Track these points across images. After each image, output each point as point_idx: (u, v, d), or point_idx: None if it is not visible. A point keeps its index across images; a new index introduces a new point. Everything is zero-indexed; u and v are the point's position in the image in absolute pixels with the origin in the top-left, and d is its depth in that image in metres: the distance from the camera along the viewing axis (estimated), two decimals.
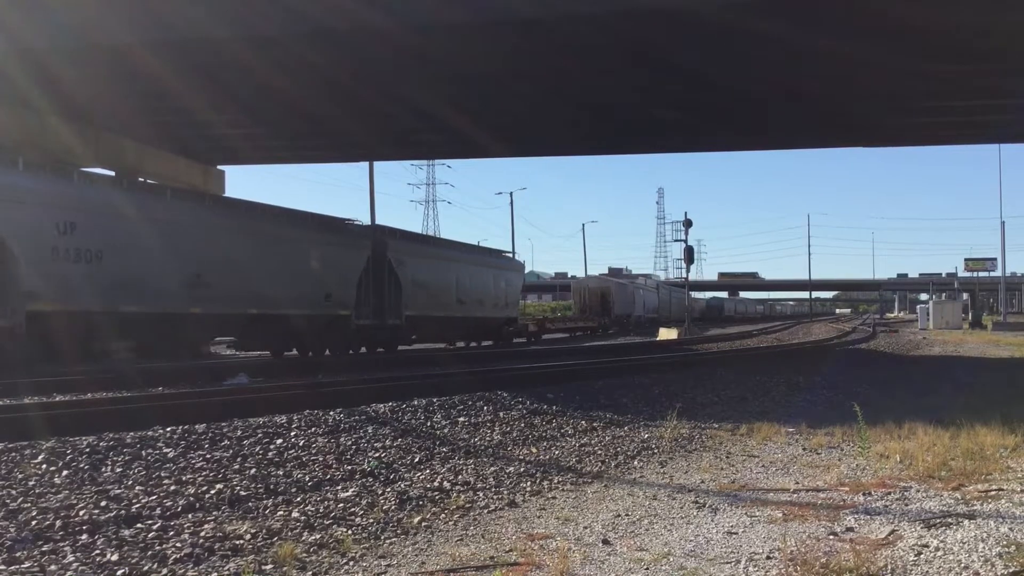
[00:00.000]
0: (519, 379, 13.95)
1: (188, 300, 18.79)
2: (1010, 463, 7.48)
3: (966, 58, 17.38)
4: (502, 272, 34.66)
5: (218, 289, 19.33)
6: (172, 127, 23.61)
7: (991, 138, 30.07)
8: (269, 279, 20.69)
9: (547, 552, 5.03)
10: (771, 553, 4.89)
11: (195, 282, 18.87)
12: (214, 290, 19.24)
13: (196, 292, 18.88)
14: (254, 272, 20.29)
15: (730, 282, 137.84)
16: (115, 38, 16.07)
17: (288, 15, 15.34)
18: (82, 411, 9.27)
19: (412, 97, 19.90)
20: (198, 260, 18.99)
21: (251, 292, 20.34)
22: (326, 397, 10.65)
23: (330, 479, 7.03)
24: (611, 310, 52.75)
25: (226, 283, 19.57)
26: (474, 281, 31.21)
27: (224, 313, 19.79)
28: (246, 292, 20.19)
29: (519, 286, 38.13)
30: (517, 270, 38.48)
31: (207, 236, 19.47)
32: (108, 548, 5.02)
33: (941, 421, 9.61)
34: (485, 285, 32.25)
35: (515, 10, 14.96)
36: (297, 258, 22.06)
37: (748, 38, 15.69)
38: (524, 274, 41.71)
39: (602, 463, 8.19)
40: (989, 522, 5.36)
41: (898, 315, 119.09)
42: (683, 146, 34.18)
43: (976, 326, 54.60)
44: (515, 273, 37.61)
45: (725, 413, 11.85)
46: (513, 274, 36.84)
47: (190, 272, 18.78)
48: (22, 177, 16.18)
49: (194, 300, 18.91)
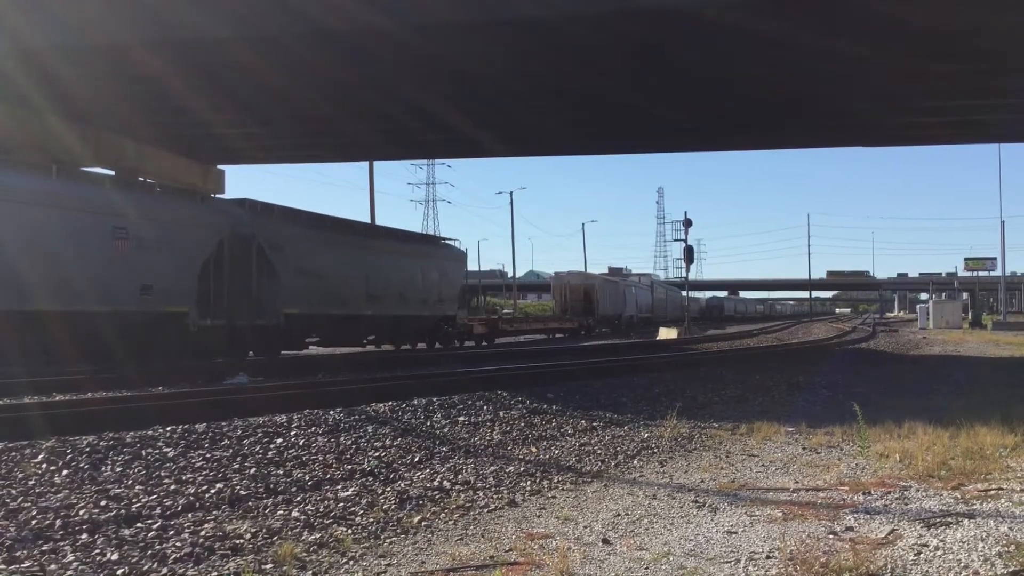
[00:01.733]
0: (519, 379, 13.96)
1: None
2: (1010, 462, 7.48)
3: (966, 58, 17.37)
4: (435, 262, 29.17)
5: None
6: (172, 127, 23.60)
7: (991, 138, 30.07)
8: (30, 263, 15.22)
9: (547, 551, 5.03)
10: (771, 552, 4.90)
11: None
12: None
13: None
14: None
15: (730, 282, 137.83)
16: (115, 38, 16.07)
17: (288, 15, 15.34)
18: (82, 411, 9.28)
19: (412, 97, 19.89)
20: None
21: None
22: (326, 397, 10.67)
23: (330, 478, 7.03)
24: (595, 309, 48.11)
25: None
26: (393, 272, 25.97)
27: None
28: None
29: (460, 278, 31.91)
30: (457, 260, 32.24)
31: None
32: (108, 547, 5.02)
33: (941, 420, 9.61)
34: (410, 277, 27.00)
35: (516, 10, 14.95)
36: (88, 235, 16.48)
37: (749, 38, 15.69)
38: (466, 264, 34.59)
39: (602, 462, 8.19)
40: (989, 521, 5.37)
41: (898, 315, 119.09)
42: (683, 146, 34.13)
43: (976, 326, 54.63)
44: (454, 263, 31.37)
45: (725, 412, 11.85)
46: (452, 264, 30.89)
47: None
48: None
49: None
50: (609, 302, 50.82)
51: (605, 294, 50.33)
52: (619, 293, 53.73)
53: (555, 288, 52.86)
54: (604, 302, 49.62)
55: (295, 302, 21.24)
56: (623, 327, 51.00)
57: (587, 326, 44.72)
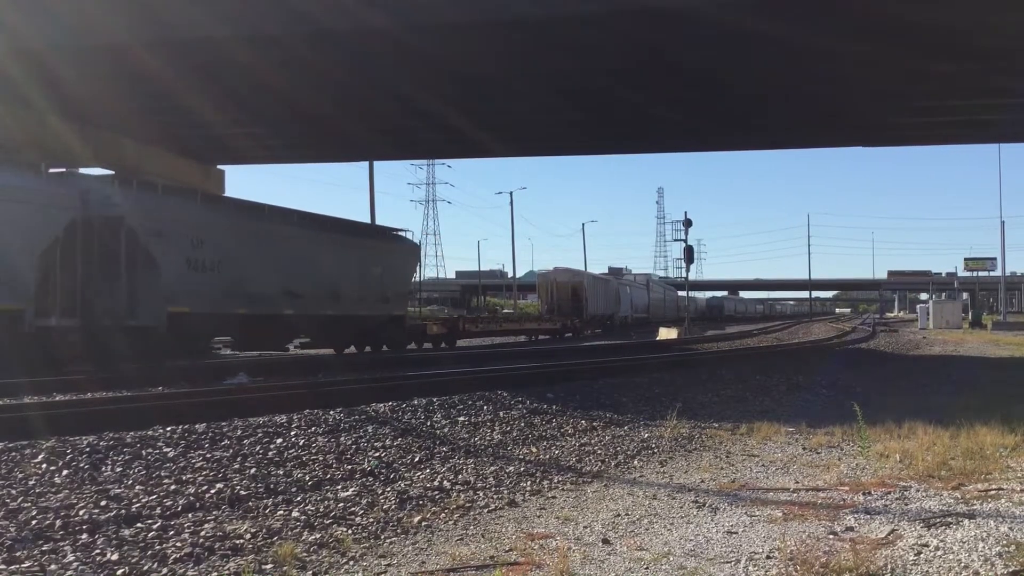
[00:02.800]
0: (519, 379, 13.95)
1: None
2: (1010, 462, 7.48)
3: (966, 58, 17.38)
4: (378, 256, 25.49)
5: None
6: (172, 127, 23.62)
7: (991, 138, 30.09)
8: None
9: (547, 551, 5.03)
10: (771, 553, 4.90)
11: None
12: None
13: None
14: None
15: (730, 282, 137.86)
16: (115, 38, 16.09)
17: (289, 15, 15.36)
18: (82, 411, 9.28)
19: (412, 97, 19.91)
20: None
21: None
22: (326, 396, 10.66)
23: (330, 479, 7.03)
24: (584, 309, 44.47)
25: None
26: (322, 266, 22.48)
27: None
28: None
29: (410, 273, 28.33)
30: (407, 253, 28.25)
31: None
32: (108, 548, 5.02)
33: (941, 421, 9.61)
34: (344, 271, 23.53)
35: (515, 10, 14.97)
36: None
37: (748, 38, 15.71)
38: (419, 258, 30.69)
39: (602, 463, 8.19)
40: (989, 521, 5.36)
41: (898, 315, 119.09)
42: (683, 146, 34.19)
43: (976, 326, 54.62)
44: (403, 257, 27.55)
45: (725, 412, 11.84)
46: (399, 258, 27.09)
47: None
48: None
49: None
50: (600, 301, 47.83)
51: (595, 292, 47.13)
52: (611, 292, 50.97)
53: (541, 286, 48.92)
54: (594, 301, 46.50)
55: (184, 299, 17.77)
56: (617, 328, 48.81)
57: (574, 327, 41.41)
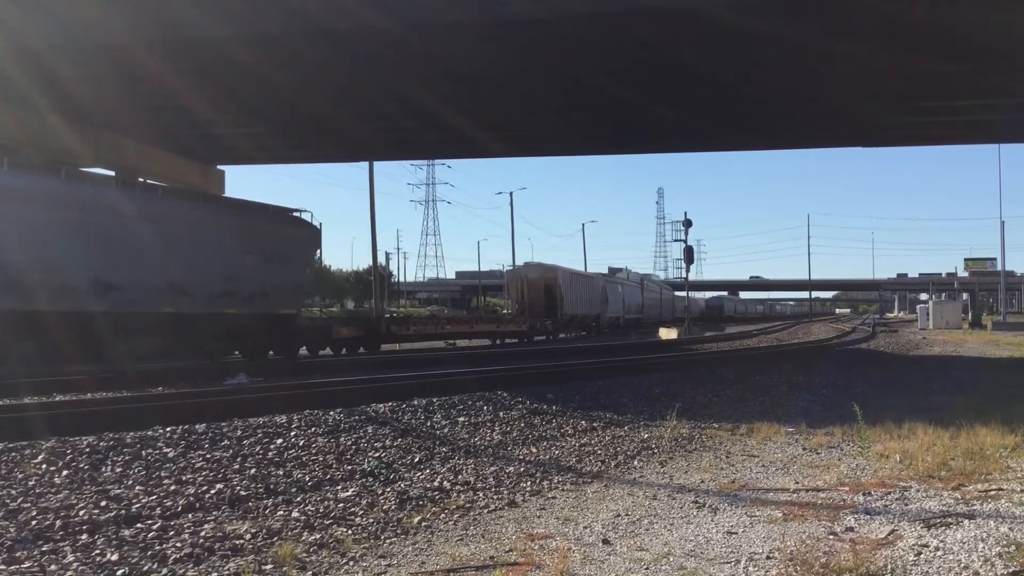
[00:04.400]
0: (519, 379, 13.95)
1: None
2: (1010, 463, 7.47)
3: (966, 58, 17.37)
4: (254, 239, 20.30)
5: None
6: (172, 127, 23.61)
7: (991, 138, 30.07)
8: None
9: (547, 552, 5.03)
10: (771, 553, 4.89)
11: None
12: None
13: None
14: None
15: (730, 282, 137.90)
16: (115, 38, 16.08)
17: (289, 15, 15.35)
18: (82, 411, 9.28)
19: (412, 97, 19.89)
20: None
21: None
22: (326, 397, 10.66)
23: (330, 479, 7.03)
24: (559, 308, 38.95)
25: None
26: (164, 250, 17.57)
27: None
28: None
29: (305, 262, 23.62)
30: (300, 237, 22.55)
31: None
32: (108, 548, 5.02)
33: (941, 421, 9.60)
34: (205, 259, 18.76)
35: (515, 9, 14.97)
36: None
37: (749, 38, 15.70)
38: (319, 243, 24.06)
39: (602, 463, 8.19)
40: (989, 522, 5.36)
41: (898, 315, 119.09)
42: (684, 146, 34.16)
43: (976, 326, 54.59)
44: (291, 241, 21.88)
45: (725, 413, 11.84)
46: (289, 244, 21.66)
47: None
48: None
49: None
50: (580, 300, 42.29)
51: (573, 290, 41.33)
52: (596, 290, 45.67)
53: (510, 284, 42.01)
54: (572, 300, 40.84)
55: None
56: (604, 330, 44.51)
57: (546, 329, 36.75)
